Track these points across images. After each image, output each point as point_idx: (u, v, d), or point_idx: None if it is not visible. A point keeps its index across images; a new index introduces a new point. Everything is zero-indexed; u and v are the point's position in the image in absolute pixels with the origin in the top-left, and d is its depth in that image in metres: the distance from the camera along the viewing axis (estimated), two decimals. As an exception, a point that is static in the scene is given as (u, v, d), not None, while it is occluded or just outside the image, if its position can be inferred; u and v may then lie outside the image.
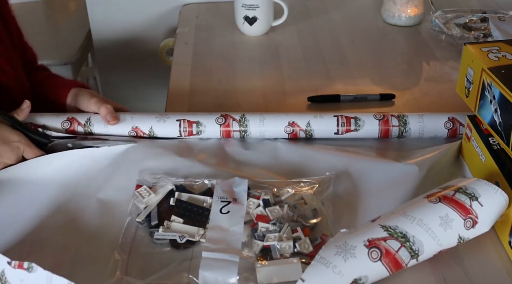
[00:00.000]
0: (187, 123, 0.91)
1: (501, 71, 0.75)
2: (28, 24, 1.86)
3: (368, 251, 0.63)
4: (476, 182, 0.70)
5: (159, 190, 0.79)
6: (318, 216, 0.76)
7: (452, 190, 0.69)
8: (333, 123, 0.91)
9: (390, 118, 0.91)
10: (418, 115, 0.92)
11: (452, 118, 0.91)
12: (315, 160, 0.87)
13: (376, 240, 0.64)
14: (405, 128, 0.91)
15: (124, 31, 1.59)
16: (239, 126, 0.91)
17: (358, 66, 1.18)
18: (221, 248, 0.71)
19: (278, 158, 0.88)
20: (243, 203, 0.77)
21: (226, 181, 0.80)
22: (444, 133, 0.91)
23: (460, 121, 0.90)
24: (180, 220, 0.75)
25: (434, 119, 0.91)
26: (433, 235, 0.65)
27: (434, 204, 0.67)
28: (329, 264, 0.62)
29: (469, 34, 1.22)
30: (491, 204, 0.68)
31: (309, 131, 0.91)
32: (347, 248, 0.63)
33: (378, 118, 0.91)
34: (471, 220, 0.67)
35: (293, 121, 0.91)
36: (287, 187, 0.80)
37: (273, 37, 1.30)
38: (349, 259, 0.62)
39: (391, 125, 0.91)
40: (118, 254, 0.72)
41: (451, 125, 0.91)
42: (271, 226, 0.73)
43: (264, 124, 0.91)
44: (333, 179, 0.82)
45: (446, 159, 0.86)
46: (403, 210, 0.67)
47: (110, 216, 0.78)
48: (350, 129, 0.91)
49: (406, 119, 0.91)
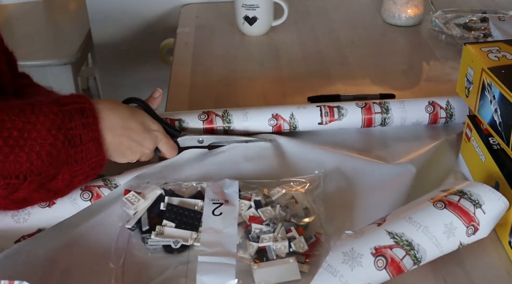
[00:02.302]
0: (169, 121, 0.90)
1: (501, 71, 0.75)
2: (28, 24, 1.87)
3: (375, 260, 0.63)
4: (480, 188, 0.70)
5: (148, 195, 0.78)
6: (310, 214, 0.76)
7: (457, 195, 0.68)
8: (317, 114, 0.92)
9: (372, 105, 0.92)
10: (399, 101, 0.94)
11: (432, 102, 0.93)
12: (303, 159, 0.87)
13: (382, 248, 0.64)
14: (387, 115, 0.92)
15: (124, 31, 1.59)
16: (223, 122, 0.91)
17: (358, 66, 1.18)
18: (216, 251, 0.70)
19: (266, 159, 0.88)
20: (235, 204, 0.76)
21: (216, 183, 0.80)
22: (426, 118, 0.93)
23: (440, 104, 0.93)
24: (172, 225, 0.74)
25: (415, 104, 0.93)
26: (437, 243, 0.65)
27: (440, 210, 0.67)
28: (337, 273, 0.62)
29: (469, 34, 1.22)
30: (493, 211, 0.68)
31: (293, 124, 0.91)
32: (354, 256, 0.63)
33: (360, 106, 0.92)
34: (473, 228, 0.67)
35: (277, 113, 0.91)
36: (277, 186, 0.80)
37: (273, 37, 1.30)
38: (355, 267, 0.62)
39: (374, 112, 0.92)
40: (112, 262, 0.71)
41: (432, 109, 0.93)
42: (265, 226, 0.73)
43: (247, 119, 0.91)
44: (322, 177, 0.82)
45: (439, 156, 0.87)
46: (408, 214, 0.67)
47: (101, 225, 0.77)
48: (333, 119, 0.92)
49: (388, 106, 0.92)
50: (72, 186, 0.74)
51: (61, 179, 0.71)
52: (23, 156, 0.67)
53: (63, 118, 0.71)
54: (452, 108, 0.93)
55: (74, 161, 0.71)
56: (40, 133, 0.68)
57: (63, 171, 0.71)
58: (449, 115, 0.93)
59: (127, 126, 0.78)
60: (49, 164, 0.69)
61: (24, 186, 0.69)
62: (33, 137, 0.68)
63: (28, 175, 0.68)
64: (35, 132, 0.68)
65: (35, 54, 1.67)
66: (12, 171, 0.67)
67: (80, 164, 0.72)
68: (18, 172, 0.67)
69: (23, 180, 0.68)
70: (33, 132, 0.68)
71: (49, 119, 0.70)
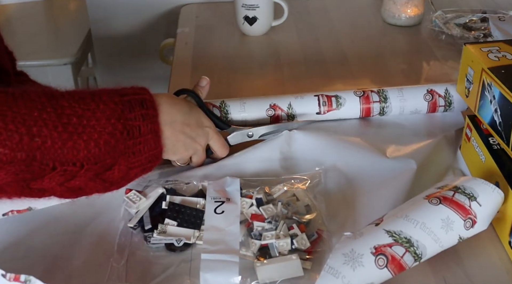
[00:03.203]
0: None
1: (501, 71, 0.75)
2: (28, 24, 1.87)
3: (375, 259, 0.63)
4: (473, 181, 0.70)
5: (150, 193, 0.78)
6: (311, 211, 0.76)
7: (451, 190, 0.69)
8: (315, 103, 0.92)
9: (370, 94, 0.92)
10: (397, 89, 0.93)
11: (431, 90, 0.93)
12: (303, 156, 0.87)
13: (382, 247, 0.64)
14: (385, 104, 0.92)
15: (124, 31, 1.59)
16: (220, 113, 0.91)
17: (358, 66, 1.18)
18: (219, 249, 0.70)
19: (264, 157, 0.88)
20: (236, 202, 0.77)
21: (217, 181, 0.80)
22: (424, 106, 0.92)
23: (439, 92, 0.92)
24: (174, 223, 0.74)
25: (413, 92, 0.93)
26: (436, 238, 0.66)
27: (435, 206, 0.67)
28: (339, 275, 0.62)
29: (469, 34, 1.22)
30: (489, 203, 0.69)
31: (291, 114, 0.91)
32: (355, 257, 0.63)
33: (358, 95, 0.92)
34: (470, 220, 0.67)
35: (274, 103, 0.91)
36: (278, 184, 0.80)
37: (273, 37, 1.30)
38: (357, 268, 0.63)
39: (372, 101, 0.92)
40: (115, 261, 0.71)
41: (431, 97, 0.92)
42: (267, 224, 0.73)
43: (245, 110, 0.91)
44: (323, 173, 0.82)
45: (438, 153, 0.87)
46: (405, 213, 0.67)
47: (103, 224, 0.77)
48: (331, 108, 0.92)
49: (386, 94, 0.92)
50: (128, 178, 0.73)
51: (118, 169, 0.70)
52: (81, 143, 0.66)
53: (123, 108, 0.70)
54: (450, 96, 0.92)
55: (131, 152, 0.70)
56: (100, 122, 0.68)
57: (120, 162, 0.70)
58: (448, 104, 0.93)
59: (186, 122, 0.78)
60: (106, 153, 0.68)
61: (81, 174, 0.68)
62: (92, 125, 0.67)
63: (85, 163, 0.67)
64: (94, 120, 0.68)
65: (35, 54, 1.67)
66: (69, 158, 0.66)
67: (138, 156, 0.71)
68: (75, 159, 0.67)
69: (80, 167, 0.67)
70: (92, 120, 0.67)
71: (109, 108, 0.69)
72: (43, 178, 0.66)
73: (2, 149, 0.62)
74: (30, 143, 0.64)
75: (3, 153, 0.63)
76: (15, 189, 0.67)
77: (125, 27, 1.58)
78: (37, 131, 0.64)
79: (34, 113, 0.65)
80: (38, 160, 0.64)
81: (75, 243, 0.75)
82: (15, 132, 0.63)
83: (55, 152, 0.65)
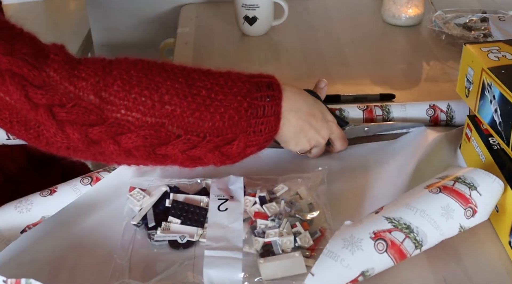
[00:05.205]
0: None
1: (501, 71, 0.75)
2: (28, 24, 1.87)
3: (374, 243, 0.64)
4: (474, 171, 0.71)
5: (153, 191, 0.79)
6: (314, 209, 0.76)
7: (451, 180, 0.69)
8: None
9: (373, 108, 0.93)
10: (400, 104, 0.94)
11: (433, 105, 0.94)
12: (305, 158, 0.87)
13: (381, 232, 0.64)
14: (388, 117, 0.93)
15: (124, 31, 1.59)
16: None
17: (358, 66, 1.18)
18: (223, 245, 0.71)
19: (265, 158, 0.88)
20: (240, 200, 0.77)
21: (221, 179, 0.80)
22: (427, 120, 0.94)
23: (441, 108, 0.93)
24: (178, 221, 0.75)
25: (416, 108, 0.94)
26: (436, 225, 0.66)
27: (435, 194, 0.68)
28: (337, 258, 0.62)
29: (469, 34, 1.22)
30: (489, 192, 0.69)
31: None
32: (354, 241, 0.64)
33: (362, 108, 0.93)
34: (471, 209, 0.68)
35: None
36: (281, 183, 0.80)
37: (273, 37, 1.31)
38: (356, 252, 0.63)
39: (375, 115, 0.92)
40: (119, 258, 0.71)
41: (433, 112, 0.93)
42: (270, 222, 0.74)
43: None
44: (326, 172, 0.82)
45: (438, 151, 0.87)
46: (405, 201, 0.68)
47: (106, 221, 0.77)
48: None
49: (389, 109, 0.93)
50: (244, 155, 0.74)
51: (236, 145, 0.72)
52: (207, 115, 0.69)
53: (250, 88, 0.72)
54: (452, 112, 0.93)
55: (252, 131, 0.72)
56: (227, 97, 0.70)
57: (240, 138, 0.72)
58: (450, 119, 0.93)
59: (311, 112, 0.79)
60: (229, 128, 0.70)
61: (202, 144, 0.70)
62: (219, 99, 0.70)
63: (208, 134, 0.70)
64: (222, 94, 0.70)
65: (35, 54, 1.66)
66: (194, 128, 0.69)
67: (258, 136, 0.73)
68: (199, 130, 0.69)
69: (202, 138, 0.70)
70: (220, 94, 0.70)
71: (236, 85, 0.71)
72: (167, 144, 0.69)
73: (136, 113, 0.66)
74: (161, 110, 0.67)
75: (136, 117, 0.67)
76: (142, 154, 0.70)
77: (125, 27, 1.58)
78: (168, 99, 0.68)
79: (167, 82, 0.68)
80: (166, 126, 0.68)
81: (79, 241, 0.75)
82: (149, 98, 0.67)
83: (182, 121, 0.68)
